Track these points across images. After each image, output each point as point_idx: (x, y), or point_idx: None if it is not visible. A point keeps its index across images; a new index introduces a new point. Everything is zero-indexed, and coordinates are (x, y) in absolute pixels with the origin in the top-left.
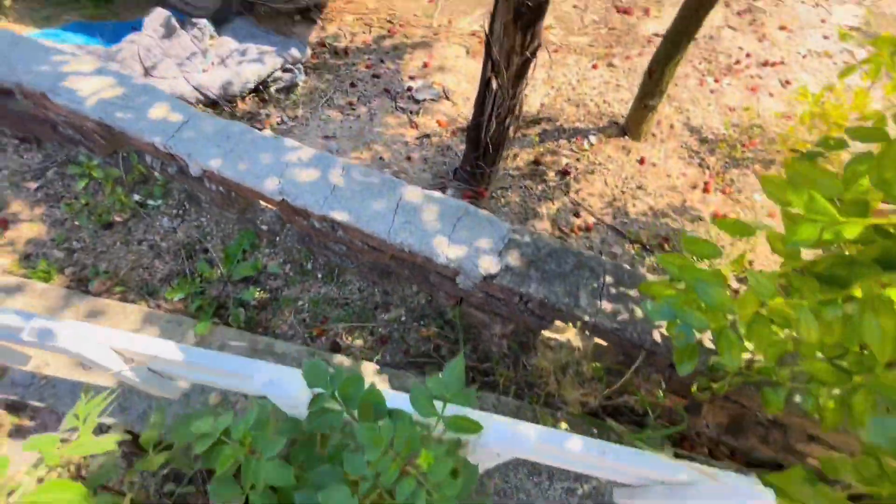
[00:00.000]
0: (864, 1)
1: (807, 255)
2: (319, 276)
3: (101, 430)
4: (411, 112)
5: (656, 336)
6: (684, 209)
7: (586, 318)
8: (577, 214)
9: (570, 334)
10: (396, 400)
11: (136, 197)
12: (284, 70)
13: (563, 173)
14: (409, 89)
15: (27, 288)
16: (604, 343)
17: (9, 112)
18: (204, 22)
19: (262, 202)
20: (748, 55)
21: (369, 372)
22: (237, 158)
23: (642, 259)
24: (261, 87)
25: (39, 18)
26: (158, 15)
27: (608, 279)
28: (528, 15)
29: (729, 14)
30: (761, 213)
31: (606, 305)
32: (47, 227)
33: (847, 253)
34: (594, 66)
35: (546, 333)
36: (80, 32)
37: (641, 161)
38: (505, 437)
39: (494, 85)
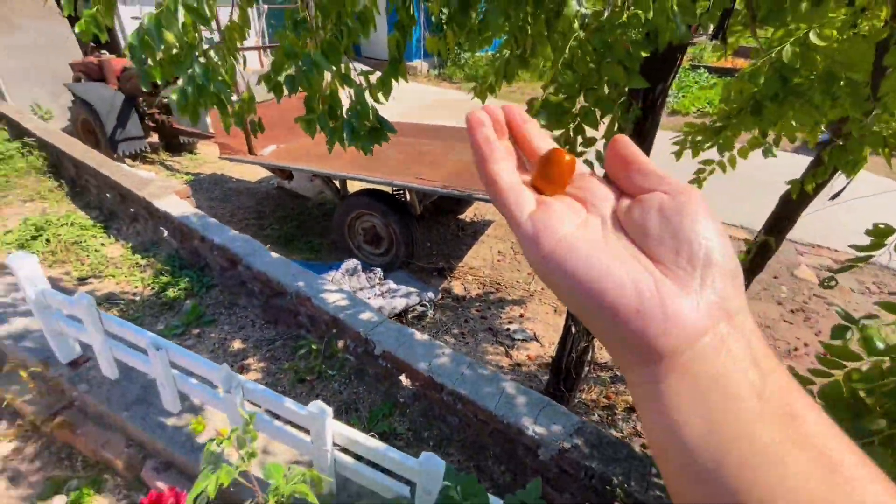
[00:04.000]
0: None
1: None
2: (431, 444)
3: None
4: (507, 346)
5: None
6: None
7: (637, 495)
8: (643, 447)
9: None
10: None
11: (325, 367)
12: (420, 305)
13: (631, 409)
14: (508, 330)
15: None
16: None
17: (272, 306)
18: (378, 270)
19: (406, 380)
20: (806, 344)
21: None
22: (406, 347)
23: None
24: (402, 313)
25: None
26: (351, 262)
27: (654, 470)
28: None
29: (783, 310)
30: None
31: (656, 492)
32: (262, 376)
33: None
34: None
35: None
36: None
37: None
38: None
39: (573, 330)
